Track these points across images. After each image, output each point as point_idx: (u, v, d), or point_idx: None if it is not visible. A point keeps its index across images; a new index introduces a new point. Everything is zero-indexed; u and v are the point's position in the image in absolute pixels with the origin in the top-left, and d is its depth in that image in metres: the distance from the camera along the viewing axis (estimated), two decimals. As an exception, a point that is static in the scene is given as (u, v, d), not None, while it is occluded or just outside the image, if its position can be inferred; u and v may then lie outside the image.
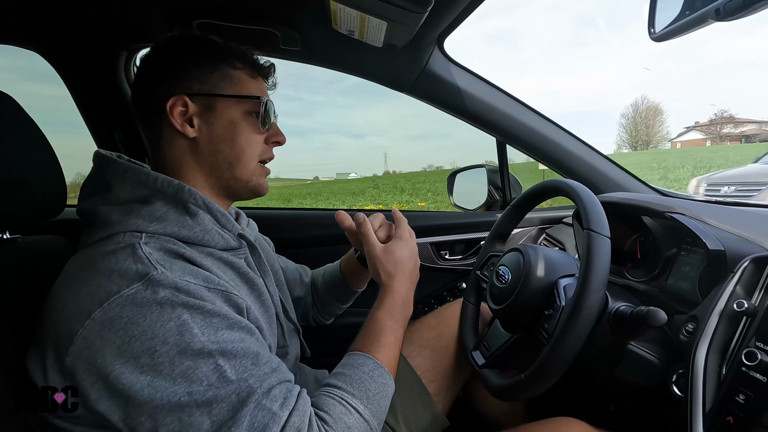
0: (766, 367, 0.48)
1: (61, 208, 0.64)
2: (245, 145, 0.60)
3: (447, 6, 0.77)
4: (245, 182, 0.62)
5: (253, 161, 0.62)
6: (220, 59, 0.60)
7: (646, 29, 0.52)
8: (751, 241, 0.64)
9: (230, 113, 0.59)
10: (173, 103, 0.57)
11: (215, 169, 0.60)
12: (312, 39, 0.92)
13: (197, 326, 0.45)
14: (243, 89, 0.60)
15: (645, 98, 55.38)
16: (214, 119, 0.59)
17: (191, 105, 0.57)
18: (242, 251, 0.62)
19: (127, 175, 0.55)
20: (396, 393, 0.80)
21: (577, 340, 0.58)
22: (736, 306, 0.54)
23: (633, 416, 0.78)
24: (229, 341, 0.47)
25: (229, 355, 0.46)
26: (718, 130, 42.80)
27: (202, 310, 0.46)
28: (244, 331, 0.50)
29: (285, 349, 0.64)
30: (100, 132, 1.07)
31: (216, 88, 0.59)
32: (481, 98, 1.05)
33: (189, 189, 0.55)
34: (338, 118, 69.33)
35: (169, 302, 0.45)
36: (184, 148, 0.59)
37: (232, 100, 0.59)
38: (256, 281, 0.60)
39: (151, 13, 0.85)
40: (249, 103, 0.60)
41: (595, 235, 0.60)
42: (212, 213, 0.56)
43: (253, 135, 0.61)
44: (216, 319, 0.47)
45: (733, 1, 0.37)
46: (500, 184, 1.31)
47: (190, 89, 0.57)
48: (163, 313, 0.44)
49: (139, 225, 0.51)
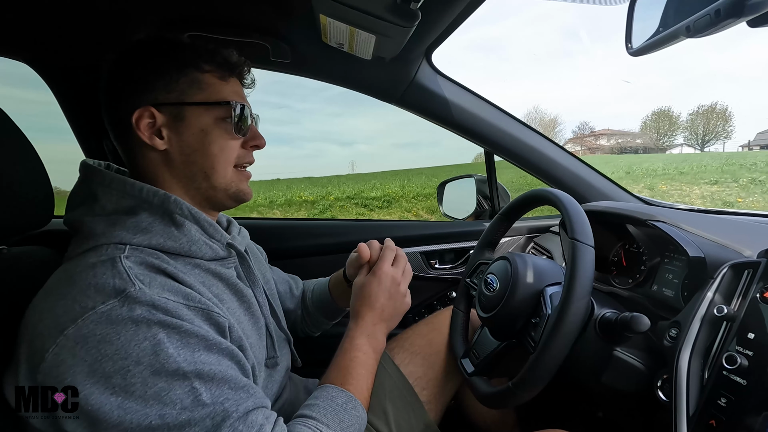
0: (746, 371, 0.50)
1: (48, 219, 0.63)
2: (218, 152, 0.57)
3: (434, 20, 0.79)
4: (224, 190, 0.59)
5: (228, 168, 0.59)
6: (186, 63, 0.56)
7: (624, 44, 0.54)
8: (730, 247, 0.66)
9: (200, 121, 0.56)
10: (139, 116, 0.54)
11: (192, 180, 0.58)
12: (302, 51, 0.94)
13: (173, 346, 0.44)
14: (213, 94, 0.57)
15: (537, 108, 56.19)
16: (184, 129, 0.56)
17: (159, 116, 0.55)
18: (231, 261, 0.61)
19: (113, 185, 0.54)
20: (388, 401, 0.81)
21: (563, 348, 0.59)
22: (716, 311, 0.55)
23: (620, 422, 0.78)
24: (206, 363, 0.45)
25: (205, 377, 0.45)
26: (593, 141, 42.84)
27: (179, 330, 0.45)
28: (222, 354, 0.48)
29: (275, 359, 0.64)
30: (89, 142, 1.06)
31: (184, 96, 0.55)
32: (468, 109, 1.07)
33: (175, 199, 0.54)
34: (327, 125, 69.03)
35: (145, 320, 0.43)
36: (156, 160, 0.56)
37: (202, 107, 0.56)
38: (245, 292, 0.59)
39: (140, 25, 0.86)
40: (220, 109, 0.57)
41: (579, 244, 0.62)
42: (199, 223, 0.55)
43: (226, 141, 0.58)
44: (193, 339, 0.45)
45: (701, 19, 0.39)
46: (489, 194, 1.32)
47: (156, 99, 0.55)
48: (138, 332, 0.43)
49: (124, 237, 0.50)
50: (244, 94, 0.63)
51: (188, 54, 0.57)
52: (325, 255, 1.01)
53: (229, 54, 0.60)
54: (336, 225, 1.28)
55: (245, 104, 0.59)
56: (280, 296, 0.84)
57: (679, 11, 0.44)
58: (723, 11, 0.37)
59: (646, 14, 0.51)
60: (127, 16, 0.83)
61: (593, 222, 0.65)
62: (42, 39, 0.88)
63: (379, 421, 0.79)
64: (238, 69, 0.61)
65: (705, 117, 37.69)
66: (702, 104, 38.62)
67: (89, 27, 0.86)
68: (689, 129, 39.27)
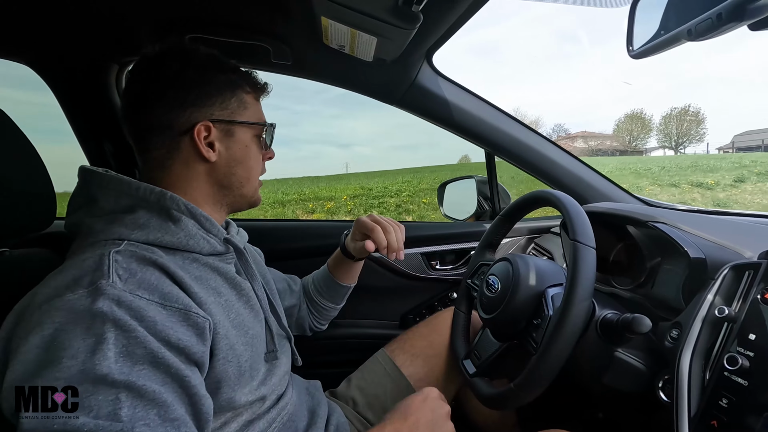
0: (747, 371, 0.50)
1: (50, 221, 0.63)
2: (254, 165, 0.65)
3: (436, 22, 0.79)
4: (250, 197, 0.66)
5: (257, 178, 0.66)
6: (237, 85, 0.62)
7: (625, 46, 0.54)
8: (731, 248, 0.66)
9: (245, 137, 0.63)
10: (199, 129, 0.58)
11: (225, 188, 0.62)
12: (303, 53, 0.94)
13: (114, 350, 0.41)
14: (254, 113, 0.64)
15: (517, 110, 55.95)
16: (233, 144, 0.61)
17: (213, 130, 0.59)
18: (230, 257, 0.62)
19: (110, 186, 0.55)
20: (390, 403, 0.82)
21: (565, 349, 0.59)
22: (717, 312, 0.56)
23: (621, 423, 0.79)
24: (143, 377, 0.42)
25: (135, 391, 0.41)
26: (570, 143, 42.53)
27: (130, 335, 0.43)
28: (170, 376, 0.44)
29: (275, 353, 0.64)
30: (90, 144, 1.06)
31: (235, 115, 0.61)
32: (469, 111, 1.07)
33: (171, 195, 0.55)
34: (325, 127, 68.98)
35: (101, 315, 0.42)
36: (200, 169, 0.60)
37: (246, 125, 0.63)
38: (243, 285, 0.61)
39: (142, 27, 0.86)
40: (258, 127, 0.64)
41: (580, 246, 0.62)
42: (196, 218, 0.56)
43: (259, 155, 0.66)
44: (140, 350, 0.43)
45: (703, 23, 0.40)
46: (489, 195, 1.33)
47: (212, 115, 0.59)
48: (91, 327, 0.42)
49: (122, 233, 0.51)
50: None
51: (238, 76, 0.63)
52: (322, 256, 1.01)
53: (257, 77, 0.67)
54: (333, 226, 1.28)
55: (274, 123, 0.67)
56: (279, 294, 0.85)
57: (680, 14, 0.44)
58: (725, 15, 0.37)
59: (648, 17, 0.51)
60: (129, 18, 0.83)
61: (594, 223, 0.65)
62: (43, 41, 0.88)
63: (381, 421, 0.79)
64: (265, 89, 0.67)
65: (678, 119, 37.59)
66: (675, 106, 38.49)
67: (90, 28, 0.86)
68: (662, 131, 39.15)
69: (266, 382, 0.61)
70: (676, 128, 37.44)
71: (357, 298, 0.99)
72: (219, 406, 0.53)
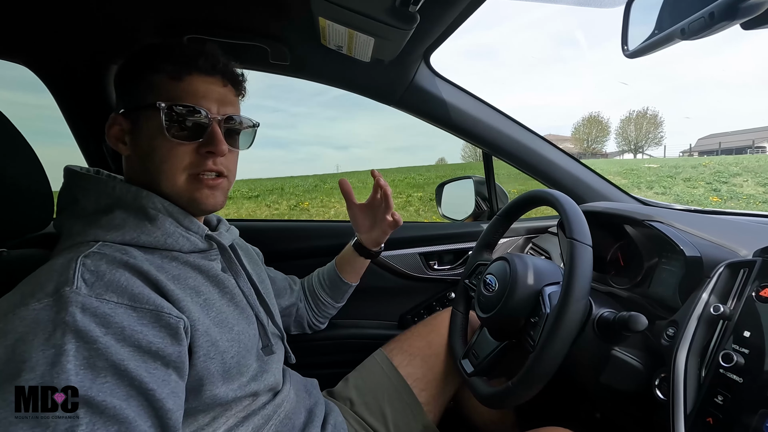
0: (742, 369, 0.50)
1: (47, 221, 0.63)
2: (162, 159, 0.55)
3: (433, 22, 0.79)
4: (177, 198, 0.56)
5: (178, 176, 0.56)
6: (145, 66, 0.55)
7: (620, 46, 0.55)
8: (726, 247, 0.66)
9: (149, 126, 0.54)
10: (111, 123, 0.57)
11: (147, 186, 0.55)
12: (301, 54, 0.94)
13: (74, 362, 0.39)
14: (162, 96, 0.54)
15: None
16: (139, 134, 0.56)
17: (124, 122, 0.57)
18: (214, 253, 0.61)
19: (90, 186, 0.55)
20: (387, 403, 0.81)
21: (562, 346, 0.59)
22: (713, 310, 0.56)
23: (618, 421, 0.79)
24: (105, 392, 0.40)
25: (95, 408, 0.39)
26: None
27: (92, 346, 0.41)
28: (134, 389, 0.43)
29: (270, 347, 0.64)
30: (88, 145, 1.06)
31: (138, 101, 0.55)
32: (467, 111, 1.07)
33: (147, 194, 0.54)
34: (322, 129, 68.88)
35: (63, 324, 0.40)
36: (126, 164, 0.59)
37: (149, 111, 0.54)
38: (227, 282, 0.60)
39: (141, 28, 0.86)
40: (158, 112, 0.53)
41: (577, 243, 0.62)
42: (173, 216, 0.55)
43: (172, 147, 0.55)
44: (102, 362, 0.41)
45: (696, 22, 0.40)
46: (487, 195, 1.33)
47: (121, 106, 0.57)
48: (51, 337, 0.40)
49: (97, 234, 0.50)
50: (212, 93, 0.57)
51: (147, 56, 0.55)
52: (322, 257, 1.01)
53: (187, 48, 0.56)
54: (333, 226, 1.28)
55: (193, 105, 0.54)
56: (278, 292, 0.85)
57: (674, 14, 0.44)
58: (717, 14, 0.38)
59: (642, 16, 0.52)
60: (127, 19, 0.83)
61: (591, 222, 0.66)
62: (42, 42, 0.88)
63: (378, 423, 0.80)
64: (193, 62, 0.55)
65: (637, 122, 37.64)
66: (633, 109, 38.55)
67: (89, 30, 0.86)
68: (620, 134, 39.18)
69: (258, 378, 0.61)
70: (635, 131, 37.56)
71: (355, 298, 0.99)
72: (204, 404, 0.53)
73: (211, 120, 0.56)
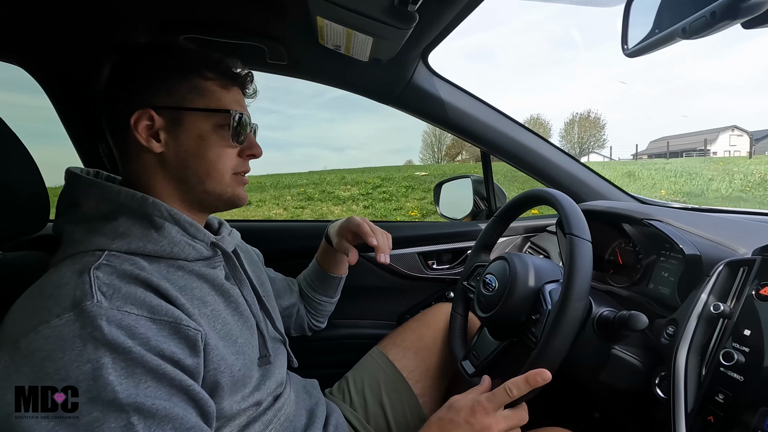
0: (743, 367, 0.50)
1: (43, 224, 0.63)
2: (215, 159, 0.58)
3: (431, 22, 0.79)
4: (219, 195, 0.60)
5: (226, 175, 0.59)
6: (189, 69, 0.57)
7: (620, 45, 0.55)
8: (725, 246, 0.67)
9: (199, 127, 0.57)
10: (138, 117, 0.54)
11: (184, 183, 0.58)
12: (299, 53, 0.94)
13: (115, 373, 0.41)
14: (213, 101, 0.58)
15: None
16: (182, 133, 0.56)
17: (157, 119, 0.55)
18: (218, 260, 0.60)
19: (91, 190, 0.53)
20: (386, 396, 0.83)
21: (565, 341, 0.59)
22: (712, 309, 0.56)
23: (618, 420, 0.79)
24: (150, 396, 0.42)
25: (146, 413, 0.41)
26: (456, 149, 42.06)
27: (127, 356, 0.42)
28: (173, 387, 0.45)
29: (267, 358, 0.63)
30: (84, 146, 1.06)
31: (183, 101, 0.56)
32: (465, 110, 1.07)
33: (153, 201, 0.53)
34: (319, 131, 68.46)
35: (93, 339, 0.41)
36: (151, 162, 0.57)
37: (201, 113, 0.57)
38: (232, 292, 0.59)
39: (136, 28, 0.85)
40: (219, 116, 0.58)
41: (576, 239, 0.62)
42: (179, 224, 0.54)
43: (223, 149, 0.59)
44: (140, 369, 0.42)
45: (697, 21, 0.40)
46: (485, 194, 1.33)
47: (155, 102, 0.55)
48: (83, 352, 0.40)
49: (102, 243, 0.49)
50: (244, 103, 0.63)
51: (191, 60, 0.58)
52: None
53: (233, 63, 0.61)
54: None
55: (244, 113, 0.60)
56: (278, 293, 0.85)
57: (674, 13, 0.44)
58: (718, 13, 0.38)
59: (642, 15, 0.52)
60: (123, 19, 0.83)
61: (590, 221, 0.66)
62: (37, 42, 0.88)
63: (379, 419, 0.80)
64: (240, 79, 0.62)
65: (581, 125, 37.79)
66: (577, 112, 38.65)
67: (84, 30, 0.85)
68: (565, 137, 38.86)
69: (260, 387, 0.60)
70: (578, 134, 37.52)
71: (354, 298, 0.99)
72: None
73: (251, 127, 0.63)
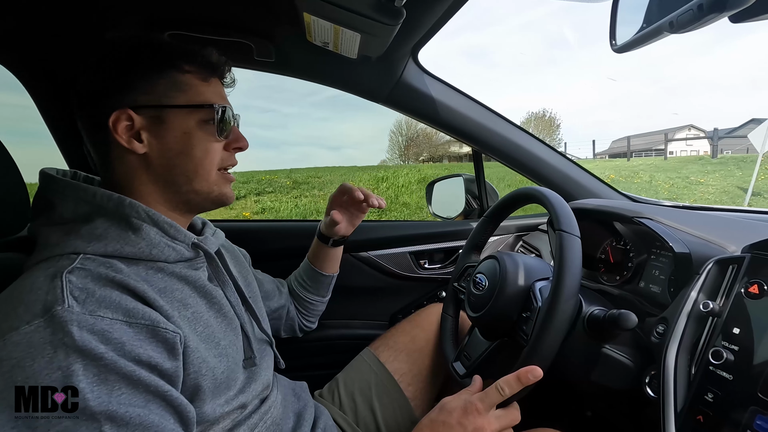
0: (732, 366, 0.50)
1: (23, 224, 0.61)
2: (202, 156, 0.56)
3: (419, 18, 0.78)
4: (207, 194, 0.58)
5: (212, 172, 0.58)
6: (166, 64, 0.55)
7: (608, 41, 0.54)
8: (715, 243, 0.66)
9: (183, 124, 0.55)
10: (116, 118, 0.52)
11: (172, 184, 0.56)
12: (287, 51, 0.92)
13: (86, 381, 0.39)
14: (195, 96, 0.56)
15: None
16: (166, 132, 0.54)
17: (137, 118, 0.53)
18: (200, 261, 0.58)
19: (67, 192, 0.52)
20: (376, 399, 0.82)
21: (556, 338, 0.58)
22: (702, 307, 0.56)
23: (609, 419, 0.79)
24: (124, 404, 0.40)
25: (119, 421, 0.40)
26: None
27: (100, 362, 0.40)
28: (151, 393, 0.43)
29: (252, 360, 0.61)
30: (68, 147, 1.04)
31: (164, 98, 0.54)
32: (456, 108, 1.06)
33: (130, 202, 0.51)
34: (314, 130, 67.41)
35: (63, 346, 0.39)
36: (134, 164, 0.54)
37: (184, 110, 0.55)
38: (214, 293, 0.57)
39: (122, 25, 0.84)
40: (203, 112, 0.56)
41: (565, 234, 0.62)
42: (158, 225, 0.52)
43: (210, 144, 0.57)
44: (113, 375, 0.41)
45: (684, 14, 0.39)
46: (477, 193, 1.32)
47: (134, 101, 0.53)
48: (54, 359, 0.39)
49: (77, 246, 0.48)
50: (225, 94, 0.61)
51: (168, 54, 0.55)
52: None
53: (210, 54, 0.58)
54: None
55: (227, 106, 0.58)
56: (267, 295, 0.83)
57: (662, 7, 0.44)
58: (706, 6, 0.37)
59: (630, 10, 0.51)
60: (108, 16, 0.81)
61: (581, 219, 0.65)
62: (19, 40, 0.86)
63: (368, 421, 0.80)
64: (219, 69, 0.60)
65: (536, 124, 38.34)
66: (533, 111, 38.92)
67: (68, 27, 0.83)
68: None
69: (245, 389, 0.59)
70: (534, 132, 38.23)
71: (346, 298, 0.98)
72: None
73: (235, 119, 0.61)
